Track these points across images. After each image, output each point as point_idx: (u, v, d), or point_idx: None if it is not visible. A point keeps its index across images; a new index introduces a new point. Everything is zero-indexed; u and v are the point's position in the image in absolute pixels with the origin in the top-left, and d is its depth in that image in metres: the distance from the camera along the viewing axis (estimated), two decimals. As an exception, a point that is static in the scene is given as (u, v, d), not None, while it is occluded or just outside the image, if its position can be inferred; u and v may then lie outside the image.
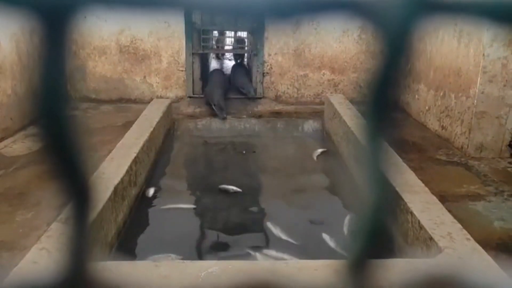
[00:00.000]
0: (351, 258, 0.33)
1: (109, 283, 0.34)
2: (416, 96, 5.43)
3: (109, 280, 0.34)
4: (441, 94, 4.73)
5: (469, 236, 2.19)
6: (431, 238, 2.21)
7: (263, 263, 2.35)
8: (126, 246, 2.83)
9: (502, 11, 0.28)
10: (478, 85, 3.92)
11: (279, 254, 2.76)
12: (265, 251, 2.82)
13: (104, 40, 6.01)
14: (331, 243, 2.91)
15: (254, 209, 3.52)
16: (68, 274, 0.31)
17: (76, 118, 0.29)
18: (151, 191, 3.58)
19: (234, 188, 3.67)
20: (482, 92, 3.92)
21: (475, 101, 3.97)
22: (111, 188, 2.67)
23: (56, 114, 0.27)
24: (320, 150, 4.70)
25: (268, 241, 2.98)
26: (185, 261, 2.13)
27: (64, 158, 0.28)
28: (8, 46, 4.47)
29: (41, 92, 0.27)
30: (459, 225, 2.30)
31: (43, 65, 0.26)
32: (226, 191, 3.66)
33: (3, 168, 3.65)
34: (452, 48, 4.47)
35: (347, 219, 3.16)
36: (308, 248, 2.89)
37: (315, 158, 4.58)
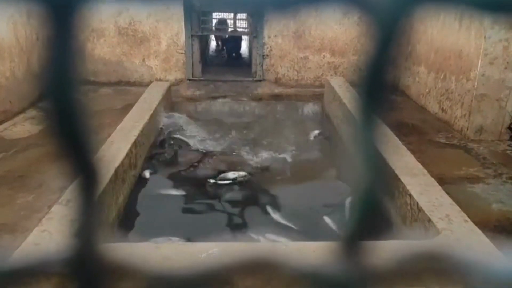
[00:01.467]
0: (345, 238, 0.34)
1: (111, 264, 0.34)
2: (416, 79, 5.41)
3: (110, 261, 0.34)
4: (442, 76, 4.71)
5: (467, 218, 2.21)
6: (429, 220, 2.22)
7: (263, 244, 2.37)
8: (127, 227, 2.85)
9: (495, 2, 0.28)
10: (478, 67, 3.90)
11: (279, 238, 2.78)
12: (266, 234, 2.84)
13: (102, 22, 5.96)
14: (333, 225, 2.93)
15: (254, 193, 3.53)
16: (73, 254, 0.32)
17: (82, 100, 0.29)
18: (147, 173, 3.59)
19: (234, 174, 3.67)
20: (483, 75, 3.90)
21: (476, 83, 3.96)
22: (112, 171, 2.68)
23: (65, 96, 0.28)
24: (317, 132, 4.73)
25: (268, 225, 3.00)
26: (185, 242, 2.15)
27: (72, 138, 0.29)
28: (6, 28, 4.43)
29: (50, 75, 0.27)
30: (458, 207, 2.32)
31: (52, 50, 0.26)
32: (225, 179, 3.65)
33: (3, 151, 3.65)
34: (453, 30, 4.43)
35: (348, 202, 3.18)
36: (308, 231, 2.91)
37: (312, 138, 4.61)
